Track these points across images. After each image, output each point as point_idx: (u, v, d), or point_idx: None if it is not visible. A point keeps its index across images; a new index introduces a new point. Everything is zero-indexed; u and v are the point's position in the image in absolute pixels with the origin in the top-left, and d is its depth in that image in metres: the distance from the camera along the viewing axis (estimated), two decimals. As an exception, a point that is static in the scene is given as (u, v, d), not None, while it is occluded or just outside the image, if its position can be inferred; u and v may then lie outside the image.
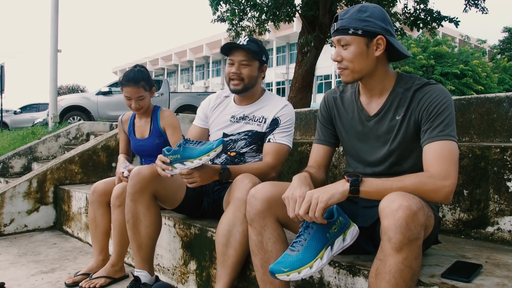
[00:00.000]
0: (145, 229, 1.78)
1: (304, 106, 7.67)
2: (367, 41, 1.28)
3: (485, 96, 2.11)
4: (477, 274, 1.23)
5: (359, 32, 1.27)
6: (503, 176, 1.66)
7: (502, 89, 20.48)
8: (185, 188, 1.88)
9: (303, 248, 1.18)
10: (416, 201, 1.07)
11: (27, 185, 3.24)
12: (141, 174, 1.74)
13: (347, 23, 1.28)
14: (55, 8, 6.17)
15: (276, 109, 1.88)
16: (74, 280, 2.13)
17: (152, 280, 1.84)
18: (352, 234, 1.24)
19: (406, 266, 1.04)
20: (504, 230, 1.65)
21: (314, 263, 1.16)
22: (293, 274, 1.15)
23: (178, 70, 43.42)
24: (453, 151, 1.19)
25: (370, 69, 1.32)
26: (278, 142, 1.83)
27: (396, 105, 1.33)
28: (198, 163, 1.56)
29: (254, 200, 1.35)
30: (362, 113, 1.40)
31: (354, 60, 1.29)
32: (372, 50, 1.29)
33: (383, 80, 1.35)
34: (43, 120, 11.49)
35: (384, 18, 1.29)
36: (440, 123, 1.22)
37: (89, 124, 5.24)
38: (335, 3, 7.75)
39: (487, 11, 8.52)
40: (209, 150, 1.55)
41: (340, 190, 1.16)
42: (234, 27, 9.53)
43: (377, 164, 1.39)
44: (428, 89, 1.29)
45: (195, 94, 11.18)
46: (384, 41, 1.28)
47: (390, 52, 1.32)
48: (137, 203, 1.75)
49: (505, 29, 25.61)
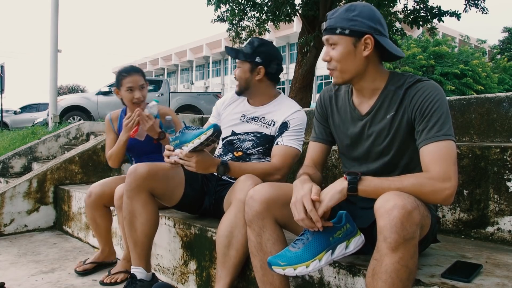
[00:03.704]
0: (141, 226, 1.79)
1: (304, 106, 7.66)
2: (354, 41, 1.26)
3: (485, 96, 2.11)
4: (477, 274, 1.23)
5: (346, 32, 1.25)
6: (503, 176, 1.66)
7: (502, 89, 20.47)
8: (184, 186, 1.88)
9: (303, 246, 1.18)
10: (411, 200, 1.07)
11: (27, 185, 3.24)
12: (137, 172, 1.75)
13: (335, 22, 1.27)
14: (55, 8, 6.17)
15: (287, 113, 1.85)
16: (85, 268, 2.25)
17: (149, 276, 1.84)
18: (356, 243, 1.23)
19: (402, 265, 1.04)
20: (504, 230, 1.65)
21: (311, 263, 1.17)
22: (288, 270, 1.17)
23: (178, 70, 43.42)
24: (452, 151, 1.18)
25: (359, 69, 1.30)
26: (286, 145, 1.79)
27: (387, 104, 1.32)
28: (191, 147, 1.58)
29: (253, 201, 1.35)
30: (354, 112, 1.39)
31: (341, 60, 1.28)
32: (360, 50, 1.27)
33: (374, 80, 1.33)
34: (43, 120, 11.50)
35: (372, 17, 1.26)
36: (436, 122, 1.20)
37: (89, 124, 5.23)
38: (335, 3, 7.75)
39: (487, 11, 8.50)
40: (201, 134, 1.57)
41: (339, 188, 1.16)
42: (234, 27, 9.53)
43: (371, 162, 1.38)
44: (420, 86, 1.26)
45: (195, 94, 11.17)
46: (372, 41, 1.25)
47: (382, 52, 1.30)
48: (134, 200, 1.77)
49: (505, 29, 25.61)
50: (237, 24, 9.47)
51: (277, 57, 1.91)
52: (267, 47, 1.89)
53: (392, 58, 1.36)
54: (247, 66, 1.87)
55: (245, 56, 1.85)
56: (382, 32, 1.28)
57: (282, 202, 1.34)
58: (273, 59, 1.88)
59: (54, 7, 6.16)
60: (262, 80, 1.88)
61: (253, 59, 1.85)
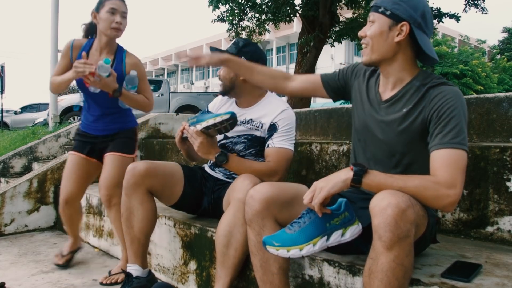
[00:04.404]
0: (138, 223, 1.79)
1: (304, 106, 7.66)
2: (391, 24, 1.26)
3: (485, 96, 2.11)
4: (476, 274, 1.23)
5: (387, 13, 1.26)
6: (502, 176, 1.66)
7: (501, 89, 20.46)
8: (183, 185, 1.89)
9: (299, 230, 1.19)
10: (405, 199, 1.07)
11: (27, 185, 3.24)
12: (136, 169, 1.77)
13: (381, 1, 1.28)
14: (55, 8, 6.17)
15: (273, 115, 1.84)
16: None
17: (145, 272, 1.84)
18: (353, 231, 1.24)
19: (398, 264, 1.04)
20: (503, 230, 1.65)
21: (305, 247, 1.18)
22: (282, 251, 1.18)
23: (178, 70, 43.40)
24: (463, 161, 1.16)
25: (388, 53, 1.30)
26: (277, 146, 1.79)
27: (407, 98, 1.31)
28: (204, 125, 1.66)
29: (252, 201, 1.35)
30: (376, 96, 1.40)
31: (373, 37, 1.29)
32: (394, 35, 1.26)
33: (401, 70, 1.32)
34: (44, 120, 11.50)
35: (417, 8, 1.25)
36: (452, 129, 1.18)
37: (89, 124, 5.22)
38: (335, 3, 7.76)
39: (487, 11, 8.52)
40: (217, 116, 1.65)
41: (343, 178, 1.16)
42: (234, 27, 9.54)
43: (377, 149, 1.38)
44: (443, 89, 1.24)
45: (195, 94, 11.19)
46: (407, 29, 1.25)
47: (418, 48, 1.28)
48: (131, 197, 1.78)
49: (505, 29, 25.59)
50: (237, 24, 9.48)
51: (262, 57, 1.91)
52: (251, 47, 1.89)
53: (427, 60, 1.35)
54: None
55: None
56: (422, 27, 1.27)
57: (282, 201, 1.34)
58: (258, 59, 1.83)
59: (54, 7, 6.16)
60: (246, 81, 1.83)
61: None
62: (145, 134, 3.88)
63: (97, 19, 2.07)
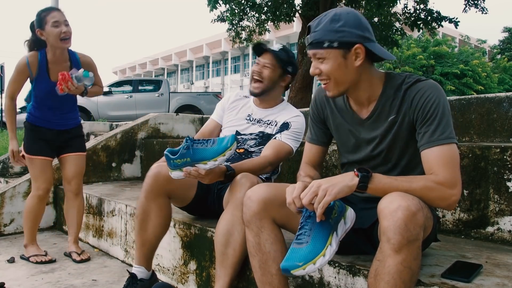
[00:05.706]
0: (153, 228, 1.78)
1: (304, 106, 7.65)
2: (344, 53, 1.21)
3: (485, 96, 2.11)
4: (477, 274, 1.23)
5: (335, 45, 1.20)
6: (503, 176, 1.65)
7: (502, 89, 20.47)
8: (196, 187, 1.89)
9: (311, 239, 1.15)
10: (415, 202, 1.06)
11: (27, 185, 3.23)
12: (160, 175, 1.73)
13: (321, 35, 1.21)
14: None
15: (289, 116, 1.94)
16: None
17: (149, 275, 1.84)
18: (350, 217, 1.24)
19: (405, 267, 1.04)
20: (504, 230, 1.65)
21: (326, 251, 1.14)
22: (310, 266, 1.11)
23: (178, 70, 43.42)
24: (456, 155, 1.18)
25: (353, 79, 1.27)
26: (282, 141, 1.86)
27: (388, 108, 1.30)
28: (213, 165, 1.51)
29: (250, 202, 1.35)
30: (353, 116, 1.38)
31: (332, 73, 1.24)
32: (351, 61, 1.22)
33: (369, 86, 1.30)
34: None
35: (359, 25, 1.22)
36: (438, 125, 1.19)
37: (89, 124, 5.23)
38: (335, 3, 7.76)
39: (487, 11, 8.53)
40: (224, 149, 1.50)
41: (349, 184, 1.14)
42: (234, 27, 9.55)
43: (372, 162, 1.37)
44: (420, 86, 1.24)
45: (195, 94, 11.18)
46: (363, 50, 1.21)
47: (372, 56, 1.26)
48: (151, 201, 1.76)
49: (505, 29, 25.58)
50: (237, 24, 9.48)
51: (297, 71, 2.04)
52: (295, 60, 2.02)
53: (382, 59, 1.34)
54: (279, 71, 1.94)
55: (282, 61, 1.93)
56: (371, 38, 1.24)
57: (279, 202, 1.33)
58: (296, 73, 2.01)
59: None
60: (282, 87, 2.00)
61: (286, 67, 1.94)
62: (145, 134, 3.87)
63: (44, 35, 2.22)
